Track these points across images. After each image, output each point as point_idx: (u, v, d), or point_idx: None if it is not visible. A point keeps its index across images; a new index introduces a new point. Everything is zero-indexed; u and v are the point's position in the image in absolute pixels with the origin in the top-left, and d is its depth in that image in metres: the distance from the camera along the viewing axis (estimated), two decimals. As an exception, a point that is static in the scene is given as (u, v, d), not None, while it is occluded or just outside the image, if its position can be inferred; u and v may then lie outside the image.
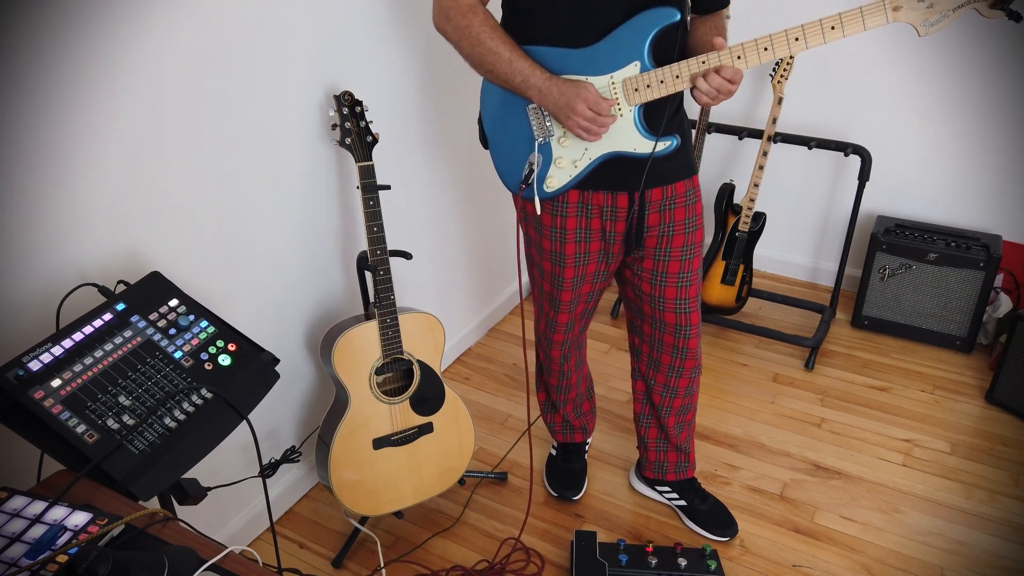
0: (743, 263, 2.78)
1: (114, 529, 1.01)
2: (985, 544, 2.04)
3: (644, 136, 1.56)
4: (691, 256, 1.78)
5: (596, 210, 1.72)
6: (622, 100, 1.53)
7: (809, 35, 1.41)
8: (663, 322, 1.85)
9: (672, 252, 1.76)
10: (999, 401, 2.52)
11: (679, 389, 1.95)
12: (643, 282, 1.82)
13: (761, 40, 1.43)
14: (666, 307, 1.82)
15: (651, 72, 1.49)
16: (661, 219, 1.73)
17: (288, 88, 1.82)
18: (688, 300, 1.82)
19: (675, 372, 1.92)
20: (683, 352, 1.88)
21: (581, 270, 1.82)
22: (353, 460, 1.89)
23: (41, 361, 1.17)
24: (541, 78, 1.52)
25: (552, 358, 2.03)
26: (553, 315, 1.93)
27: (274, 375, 1.38)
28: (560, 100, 1.50)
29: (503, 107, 1.64)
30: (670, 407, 1.99)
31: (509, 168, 1.69)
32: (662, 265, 1.77)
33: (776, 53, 1.44)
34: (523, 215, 1.83)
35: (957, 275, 2.67)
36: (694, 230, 1.76)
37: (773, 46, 1.43)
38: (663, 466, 2.10)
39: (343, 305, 2.18)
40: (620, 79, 1.51)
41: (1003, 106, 2.65)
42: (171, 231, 1.64)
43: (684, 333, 1.85)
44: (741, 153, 3.19)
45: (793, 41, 1.42)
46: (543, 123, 1.60)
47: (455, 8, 1.56)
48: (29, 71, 1.30)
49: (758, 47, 1.44)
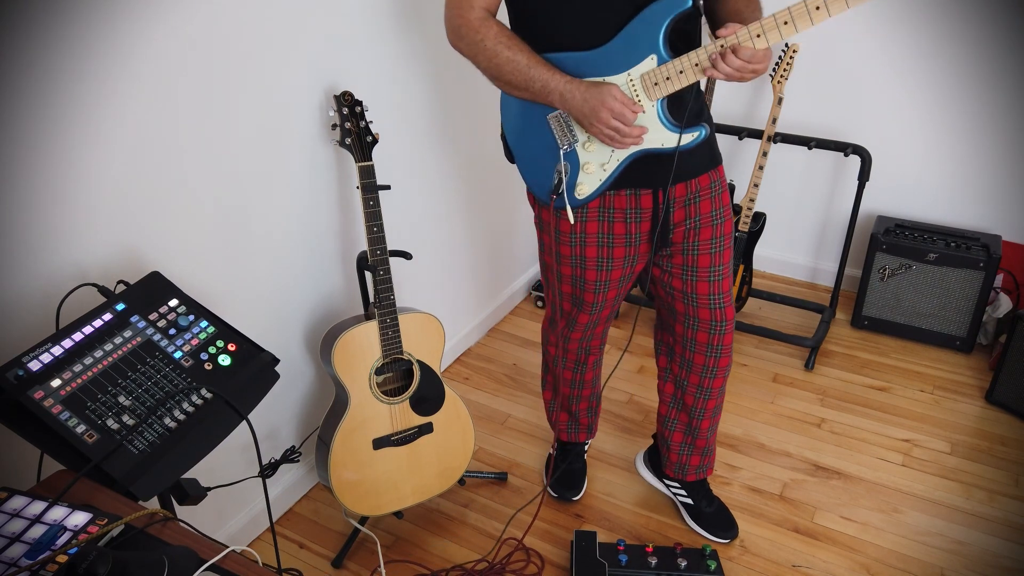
0: (743, 263, 2.78)
1: (114, 529, 1.01)
2: (985, 544, 2.04)
3: (670, 130, 1.52)
4: (721, 248, 1.74)
5: (619, 214, 1.69)
6: (643, 96, 1.49)
7: (831, 3, 1.31)
8: (697, 319, 1.81)
9: (701, 246, 1.72)
10: (999, 401, 2.52)
11: (713, 390, 1.92)
12: (674, 279, 1.79)
13: (780, 15, 1.35)
14: (700, 303, 1.78)
15: (669, 64, 1.44)
16: (687, 214, 1.69)
17: (288, 88, 1.82)
18: (722, 295, 1.78)
19: (709, 372, 1.88)
20: (718, 350, 1.84)
21: (605, 275, 1.79)
22: (353, 460, 1.89)
23: (41, 361, 1.17)
24: (561, 82, 1.49)
25: (568, 350, 2.01)
26: (575, 314, 1.90)
27: (274, 375, 1.38)
28: (584, 106, 1.48)
29: (524, 119, 1.62)
30: (704, 408, 1.94)
31: (538, 179, 1.67)
32: (692, 260, 1.74)
33: (798, 26, 1.34)
34: (538, 220, 1.81)
35: (957, 275, 2.67)
36: (722, 222, 1.72)
37: (793, 19, 1.34)
38: (684, 468, 2.07)
39: (343, 305, 2.18)
40: (638, 75, 1.47)
41: (1002, 106, 2.65)
42: (171, 231, 1.64)
43: (720, 329, 1.81)
44: (741, 153, 3.19)
45: (814, 10, 1.33)
46: (565, 130, 1.58)
47: (466, 26, 1.54)
48: (29, 71, 1.30)
49: (777, 22, 1.35)
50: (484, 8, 1.55)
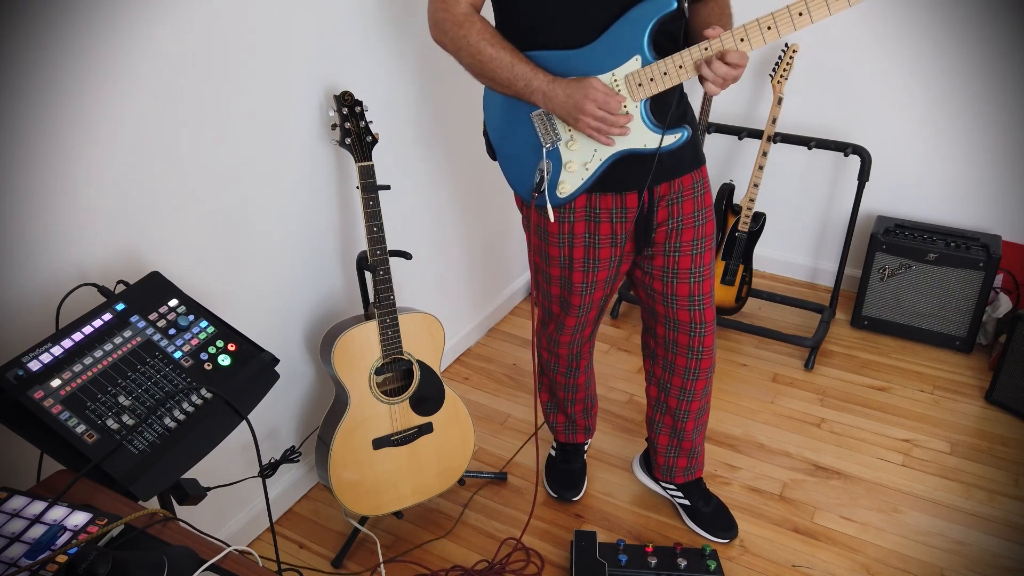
0: (743, 263, 2.78)
1: (114, 529, 1.01)
2: (985, 544, 2.04)
3: (653, 131, 1.52)
4: (702, 250, 1.74)
5: (605, 213, 1.70)
6: (626, 96, 1.49)
7: (813, 8, 1.33)
8: (677, 321, 1.81)
9: (682, 247, 1.73)
10: (999, 401, 2.53)
11: (696, 392, 1.92)
12: (654, 280, 1.79)
13: (763, 19, 1.37)
14: (679, 304, 1.79)
15: (653, 65, 1.45)
16: (669, 214, 1.70)
17: (288, 88, 1.82)
18: (702, 296, 1.78)
19: (691, 375, 1.89)
20: (699, 352, 1.85)
21: (591, 276, 1.79)
22: (353, 460, 1.89)
23: (41, 361, 1.17)
24: (544, 80, 1.49)
25: (560, 356, 2.01)
26: (563, 317, 1.91)
27: (274, 375, 1.38)
28: (567, 103, 1.47)
29: (507, 116, 1.62)
30: (688, 411, 1.95)
31: (519, 178, 1.67)
32: (672, 261, 1.74)
33: (780, 31, 1.36)
34: (526, 222, 1.81)
35: (957, 275, 2.67)
36: (704, 223, 1.72)
37: (776, 24, 1.36)
38: (672, 470, 2.08)
39: (343, 305, 2.18)
40: (622, 75, 1.47)
41: (1003, 106, 2.65)
42: (171, 231, 1.64)
43: (699, 331, 1.81)
44: (741, 153, 3.19)
45: (797, 16, 1.34)
46: (548, 129, 1.58)
47: (449, 20, 1.53)
48: (30, 70, 1.30)
49: (760, 27, 1.37)
50: (469, 3, 1.54)
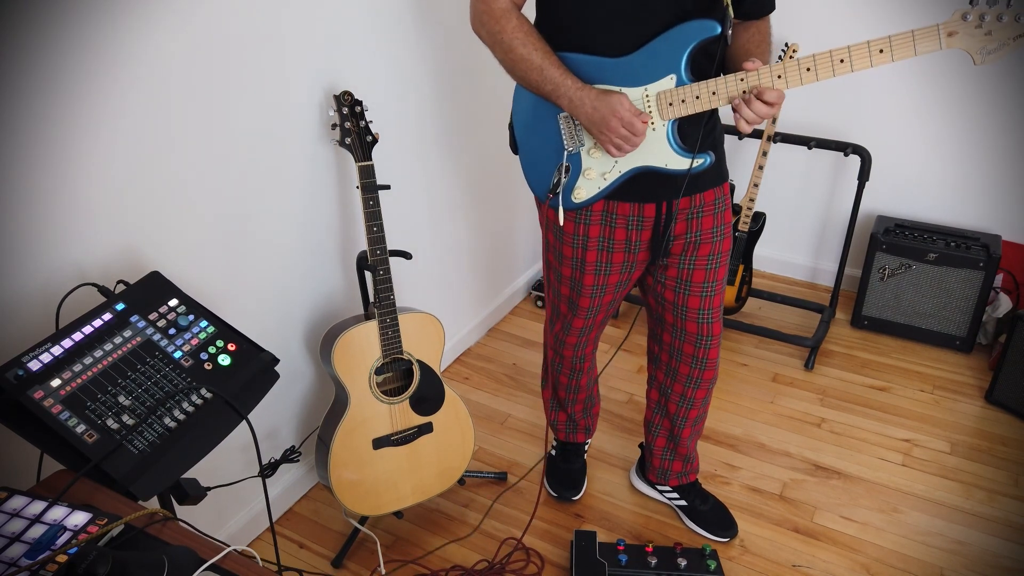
0: (743, 263, 2.78)
1: (114, 529, 1.01)
2: (985, 544, 2.04)
3: (676, 152, 1.51)
4: (717, 265, 1.74)
5: (621, 220, 1.69)
6: (655, 114, 1.48)
7: (855, 58, 1.32)
8: (684, 331, 1.82)
9: (698, 261, 1.72)
10: (998, 401, 2.53)
11: (696, 400, 1.93)
12: (666, 290, 1.79)
13: (804, 60, 1.35)
14: (688, 316, 1.79)
15: (687, 87, 1.43)
16: (688, 228, 1.69)
17: (288, 88, 1.82)
18: (712, 310, 1.78)
19: (693, 383, 1.89)
20: (703, 363, 1.85)
21: (602, 279, 1.79)
22: (353, 460, 1.89)
23: (41, 361, 1.17)
24: (572, 87, 1.48)
25: (564, 357, 2.01)
26: (570, 318, 1.90)
27: (274, 375, 1.38)
28: (594, 115, 1.47)
29: (535, 113, 1.62)
30: (686, 418, 1.96)
31: (538, 175, 1.67)
32: (687, 274, 1.74)
33: (819, 75, 1.35)
34: (543, 218, 1.81)
35: (957, 275, 2.67)
36: (721, 239, 1.72)
37: (816, 67, 1.34)
38: (666, 473, 2.09)
39: (343, 305, 2.18)
40: (655, 92, 1.46)
41: (1003, 106, 2.65)
42: (171, 231, 1.64)
43: (705, 343, 1.82)
44: (741, 153, 3.19)
45: (838, 63, 1.33)
46: (574, 132, 1.57)
47: (488, 13, 1.53)
48: (30, 70, 1.30)
49: (800, 67, 1.35)
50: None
